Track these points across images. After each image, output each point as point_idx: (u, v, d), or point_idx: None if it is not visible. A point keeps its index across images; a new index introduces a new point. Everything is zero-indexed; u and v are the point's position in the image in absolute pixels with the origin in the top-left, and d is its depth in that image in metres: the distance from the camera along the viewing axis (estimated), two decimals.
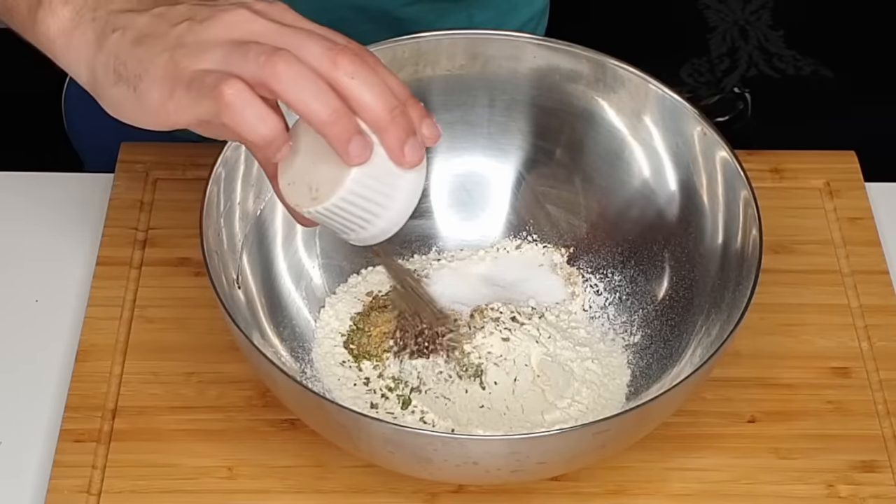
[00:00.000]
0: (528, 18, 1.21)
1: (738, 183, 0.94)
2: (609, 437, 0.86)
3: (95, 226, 1.08)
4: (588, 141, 1.03)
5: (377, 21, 1.12)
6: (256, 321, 0.95)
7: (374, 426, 0.84)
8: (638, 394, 0.95)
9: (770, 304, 1.02)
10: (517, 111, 1.04)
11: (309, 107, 0.74)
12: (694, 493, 0.94)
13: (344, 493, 0.93)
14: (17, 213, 1.10)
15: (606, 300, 1.02)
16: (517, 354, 0.96)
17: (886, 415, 0.98)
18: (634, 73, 0.99)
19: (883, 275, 1.06)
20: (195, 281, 1.03)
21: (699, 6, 2.51)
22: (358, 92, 0.75)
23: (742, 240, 0.93)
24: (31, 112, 1.91)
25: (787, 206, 1.10)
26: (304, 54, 0.75)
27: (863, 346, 1.01)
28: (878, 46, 2.43)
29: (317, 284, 1.01)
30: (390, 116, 0.76)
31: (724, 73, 2.39)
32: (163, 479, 0.93)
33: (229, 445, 0.95)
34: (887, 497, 0.93)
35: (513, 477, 0.89)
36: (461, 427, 0.92)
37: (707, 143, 0.97)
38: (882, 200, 1.11)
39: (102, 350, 1.00)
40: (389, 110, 0.76)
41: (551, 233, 1.05)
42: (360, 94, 0.75)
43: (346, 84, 0.75)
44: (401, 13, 1.13)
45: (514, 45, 1.01)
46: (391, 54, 1.00)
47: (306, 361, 0.97)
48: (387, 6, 1.12)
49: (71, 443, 0.94)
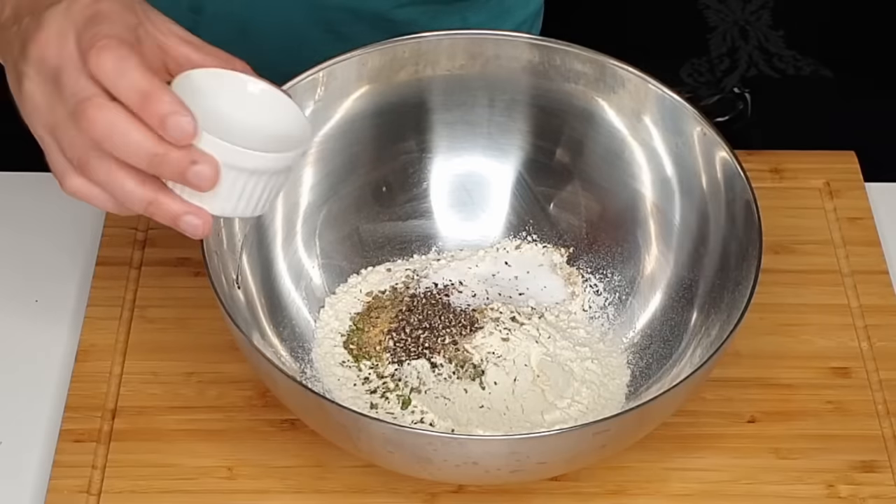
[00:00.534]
0: (522, 20, 1.21)
1: (738, 183, 0.94)
2: (609, 437, 0.86)
3: (95, 226, 1.08)
4: (588, 141, 1.03)
5: (370, 23, 1.12)
6: (256, 321, 0.95)
7: (374, 426, 0.84)
8: (638, 394, 0.95)
9: (770, 304, 1.02)
10: (517, 111, 1.04)
11: None
12: (694, 493, 0.93)
13: (344, 493, 0.93)
14: (17, 213, 1.10)
15: (606, 300, 1.02)
16: (517, 354, 0.96)
17: (886, 415, 0.98)
18: (634, 73, 0.99)
19: (883, 275, 1.06)
20: (195, 281, 1.03)
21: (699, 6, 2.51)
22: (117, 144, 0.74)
23: (742, 240, 0.93)
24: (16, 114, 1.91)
25: (787, 206, 1.10)
26: None
27: (863, 346, 1.01)
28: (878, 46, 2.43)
29: (317, 284, 1.01)
30: (151, 169, 0.75)
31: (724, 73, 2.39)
32: (163, 479, 0.93)
33: (229, 445, 0.95)
34: (887, 497, 0.93)
35: (513, 477, 0.89)
36: (461, 427, 0.92)
37: (707, 143, 0.97)
38: (882, 200, 1.11)
39: (102, 350, 1.00)
40: (148, 164, 0.74)
41: (551, 233, 1.05)
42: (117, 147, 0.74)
43: None
44: (393, 15, 1.13)
45: (514, 46, 1.01)
46: (391, 54, 1.00)
47: (306, 361, 0.97)
48: (379, 8, 1.12)
49: (71, 443, 0.94)
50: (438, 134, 1.04)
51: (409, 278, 1.02)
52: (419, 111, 1.03)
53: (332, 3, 1.12)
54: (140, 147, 0.73)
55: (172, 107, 0.73)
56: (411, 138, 1.04)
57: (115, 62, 0.73)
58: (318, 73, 0.98)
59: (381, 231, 1.04)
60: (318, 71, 0.98)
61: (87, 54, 0.73)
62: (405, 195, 1.04)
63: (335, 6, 1.12)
